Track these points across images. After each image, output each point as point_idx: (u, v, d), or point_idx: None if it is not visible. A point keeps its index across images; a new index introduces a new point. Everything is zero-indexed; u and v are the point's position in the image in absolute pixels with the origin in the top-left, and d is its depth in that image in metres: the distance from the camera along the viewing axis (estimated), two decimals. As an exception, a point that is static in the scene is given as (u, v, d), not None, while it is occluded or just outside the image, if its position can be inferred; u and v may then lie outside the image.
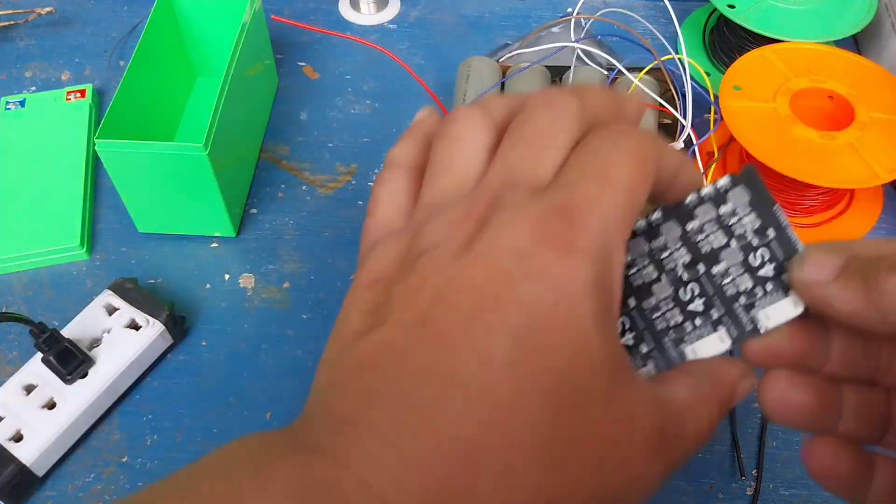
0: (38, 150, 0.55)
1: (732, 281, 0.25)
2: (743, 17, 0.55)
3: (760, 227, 0.25)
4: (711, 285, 0.25)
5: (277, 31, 0.63)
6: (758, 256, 0.24)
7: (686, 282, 0.25)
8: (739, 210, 0.25)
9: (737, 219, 0.25)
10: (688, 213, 0.25)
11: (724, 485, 0.41)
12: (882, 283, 0.20)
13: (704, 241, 0.25)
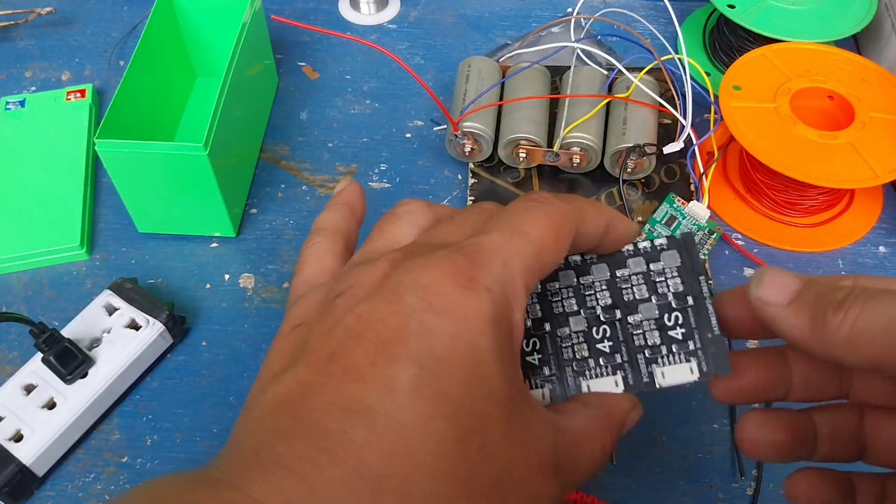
0: (38, 150, 0.55)
1: (643, 333, 0.26)
2: (743, 17, 0.55)
3: (682, 293, 0.26)
4: (623, 332, 0.27)
5: (277, 31, 0.63)
6: (672, 318, 0.26)
7: (601, 322, 0.27)
8: (668, 271, 0.27)
9: (663, 278, 0.27)
10: (621, 260, 0.27)
11: (724, 485, 0.41)
12: (829, 319, 0.21)
13: (629, 290, 0.27)
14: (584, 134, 0.50)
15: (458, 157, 0.53)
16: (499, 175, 0.53)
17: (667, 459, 0.42)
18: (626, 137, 0.50)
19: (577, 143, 0.51)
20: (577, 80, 0.53)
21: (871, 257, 0.50)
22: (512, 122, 0.51)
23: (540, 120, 0.52)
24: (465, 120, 0.51)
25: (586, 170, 0.52)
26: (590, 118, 0.51)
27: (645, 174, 0.52)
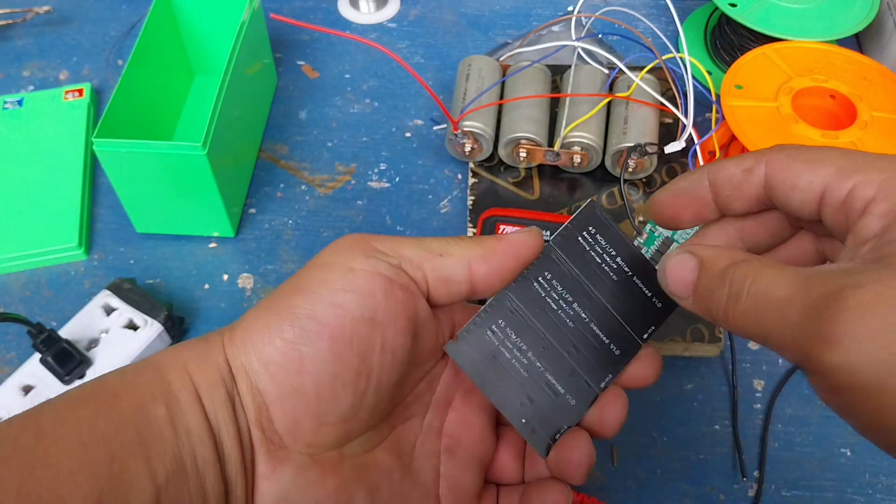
0: (36, 149, 0.55)
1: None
2: (744, 16, 0.55)
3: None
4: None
5: (276, 30, 0.63)
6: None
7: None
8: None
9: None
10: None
11: (725, 486, 0.41)
12: (723, 313, 0.24)
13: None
14: (584, 133, 0.50)
15: (458, 156, 0.53)
16: (499, 174, 0.53)
17: (668, 461, 0.42)
18: (627, 137, 0.50)
19: (578, 143, 0.50)
20: (578, 79, 0.53)
21: (873, 257, 0.50)
22: (512, 122, 0.51)
23: (540, 119, 0.52)
24: (466, 119, 0.51)
25: (587, 169, 0.52)
26: (591, 117, 0.51)
27: (646, 174, 0.51)
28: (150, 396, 0.24)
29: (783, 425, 0.43)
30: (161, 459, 0.23)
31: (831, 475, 0.41)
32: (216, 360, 0.25)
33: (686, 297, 0.26)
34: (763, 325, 0.23)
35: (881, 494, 0.41)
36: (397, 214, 0.53)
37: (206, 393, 0.25)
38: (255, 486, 0.25)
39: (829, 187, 0.24)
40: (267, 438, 0.25)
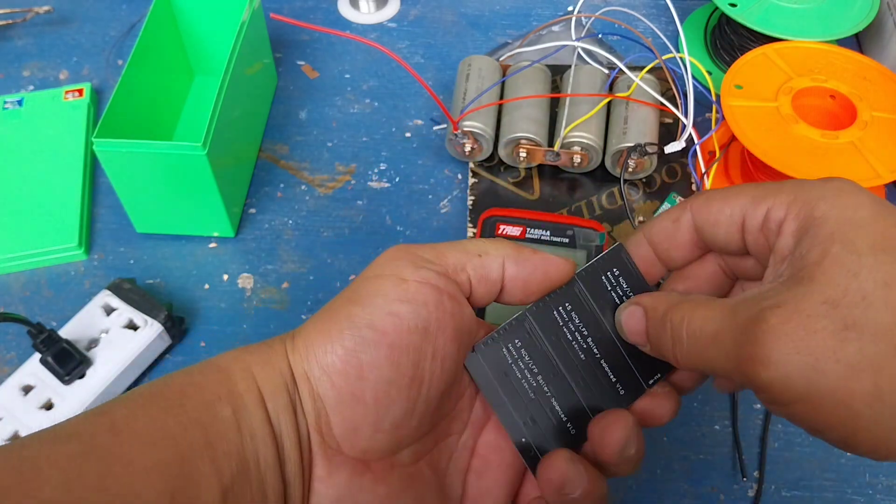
0: (36, 149, 0.55)
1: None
2: (744, 16, 0.55)
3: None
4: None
5: (276, 30, 0.63)
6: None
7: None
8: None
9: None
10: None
11: (725, 486, 0.41)
12: (671, 357, 0.27)
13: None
14: (584, 133, 0.50)
15: (458, 156, 0.53)
16: (499, 174, 0.53)
17: (668, 461, 0.42)
18: (627, 137, 0.50)
19: (578, 143, 0.50)
20: (578, 79, 0.53)
21: (873, 257, 0.50)
22: (512, 122, 0.51)
23: (540, 119, 0.52)
24: (466, 119, 0.51)
25: (587, 169, 0.52)
26: (591, 117, 0.51)
27: (646, 174, 0.51)
28: (217, 397, 0.25)
29: (783, 425, 0.43)
30: (227, 459, 0.24)
31: (831, 475, 0.41)
32: (279, 366, 0.26)
33: (644, 344, 0.28)
34: (706, 360, 0.25)
35: (881, 495, 0.41)
36: (397, 214, 0.53)
37: (269, 396, 0.26)
38: (311, 488, 0.26)
39: (747, 216, 0.26)
40: (325, 443, 0.26)
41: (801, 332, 0.22)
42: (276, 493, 0.25)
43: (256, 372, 0.26)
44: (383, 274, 0.27)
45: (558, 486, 0.28)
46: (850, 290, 0.22)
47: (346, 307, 0.27)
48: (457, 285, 0.28)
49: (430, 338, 0.26)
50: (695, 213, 0.28)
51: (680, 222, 0.29)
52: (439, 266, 0.28)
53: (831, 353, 0.22)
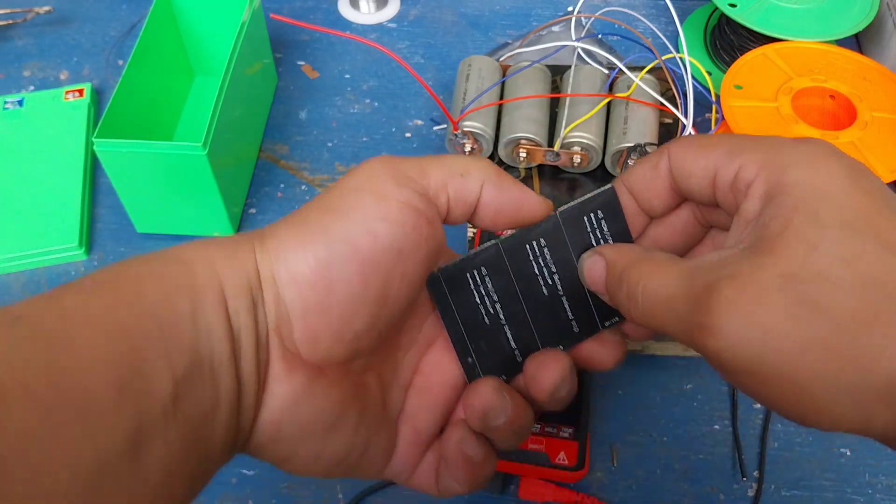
0: (37, 149, 0.55)
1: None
2: (744, 16, 0.55)
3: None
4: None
5: (276, 30, 0.63)
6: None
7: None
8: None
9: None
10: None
11: (725, 486, 0.41)
12: (626, 309, 0.26)
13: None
14: (584, 133, 0.50)
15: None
16: (499, 175, 0.53)
17: (668, 461, 0.42)
18: (627, 137, 0.50)
19: (578, 143, 0.50)
20: (578, 80, 0.53)
21: (873, 257, 0.50)
22: (512, 122, 0.51)
23: (540, 119, 0.52)
24: (466, 119, 0.51)
25: (587, 169, 0.52)
26: (590, 117, 0.51)
27: (646, 174, 0.51)
28: (175, 289, 0.24)
29: (783, 425, 0.43)
30: (180, 354, 0.23)
31: (831, 475, 0.41)
32: (245, 264, 0.25)
33: (603, 294, 0.28)
34: (658, 322, 0.25)
35: (881, 494, 0.41)
36: (397, 214, 0.53)
37: (231, 294, 0.25)
38: (266, 387, 0.26)
39: (719, 171, 0.26)
40: (284, 347, 0.26)
41: (752, 305, 0.22)
42: (229, 390, 0.24)
43: (220, 267, 0.25)
44: (364, 188, 0.26)
45: (480, 413, 0.28)
46: (807, 265, 0.22)
47: (324, 216, 0.26)
48: (436, 208, 0.27)
49: (403, 260, 0.26)
50: (672, 159, 0.28)
51: (658, 168, 0.28)
52: (421, 186, 0.27)
53: (781, 328, 0.22)
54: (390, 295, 0.26)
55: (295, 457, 0.27)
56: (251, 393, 0.25)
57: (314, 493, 0.41)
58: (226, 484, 0.42)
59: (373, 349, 0.28)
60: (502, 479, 0.41)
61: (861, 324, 0.21)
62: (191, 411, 0.23)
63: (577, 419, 0.40)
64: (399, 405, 0.30)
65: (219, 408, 0.24)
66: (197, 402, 0.23)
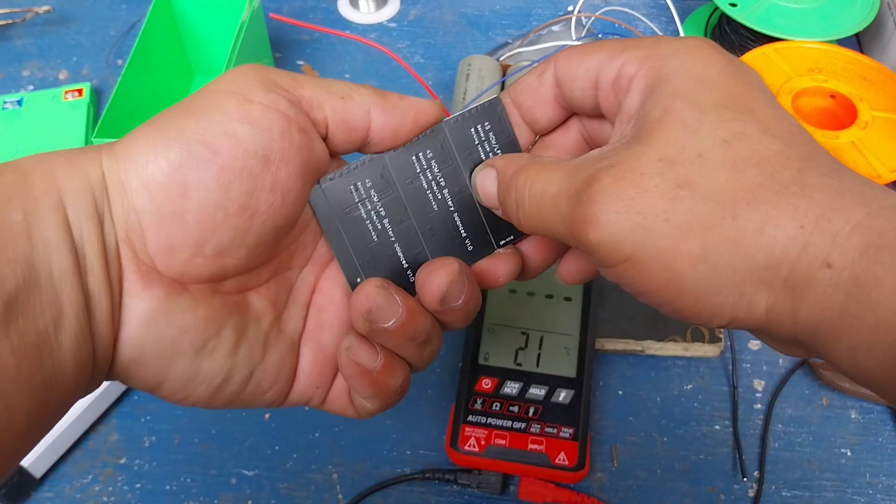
0: (36, 149, 0.55)
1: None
2: (745, 16, 0.55)
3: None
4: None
5: (276, 30, 0.63)
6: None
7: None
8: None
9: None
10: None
11: (726, 487, 0.41)
12: (515, 220, 0.26)
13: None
14: (584, 133, 0.50)
15: (458, 156, 0.53)
16: (499, 174, 0.53)
17: (668, 461, 0.42)
18: (627, 137, 0.50)
19: (578, 143, 0.50)
20: (578, 79, 0.53)
21: (874, 257, 0.50)
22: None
23: (540, 119, 0.52)
24: (466, 119, 0.51)
25: (587, 169, 0.52)
26: (591, 117, 0.50)
27: (646, 174, 0.51)
28: (6, 199, 0.22)
29: (783, 425, 0.43)
30: (11, 267, 0.21)
31: (831, 475, 0.41)
32: (87, 170, 0.24)
33: (496, 208, 0.27)
34: (544, 222, 0.25)
35: (881, 495, 0.41)
36: (397, 214, 0.52)
37: (71, 201, 0.23)
38: (122, 303, 0.24)
39: (601, 71, 0.25)
40: (138, 258, 0.24)
41: (631, 190, 0.22)
42: (74, 304, 0.23)
43: (59, 174, 0.23)
44: (226, 90, 0.25)
45: (364, 312, 0.26)
46: (687, 148, 0.22)
47: (179, 118, 0.24)
48: (309, 120, 0.26)
49: (271, 167, 0.24)
50: (557, 66, 0.27)
51: (543, 77, 0.27)
52: (292, 95, 0.25)
53: (661, 212, 0.21)
54: (259, 206, 0.24)
55: (166, 381, 0.25)
56: (104, 308, 0.23)
57: (314, 494, 0.41)
58: (225, 484, 0.42)
59: (246, 268, 0.26)
60: (502, 480, 0.40)
61: (741, 203, 0.21)
62: (27, 326, 0.21)
63: (578, 419, 0.40)
64: (299, 325, 0.29)
65: (63, 323, 0.22)
66: (34, 317, 0.22)
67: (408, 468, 0.42)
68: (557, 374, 0.42)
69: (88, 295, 0.23)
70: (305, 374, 0.28)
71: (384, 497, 0.41)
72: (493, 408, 0.41)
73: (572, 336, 0.43)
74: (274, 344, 0.27)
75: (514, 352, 0.42)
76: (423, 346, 0.28)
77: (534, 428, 0.40)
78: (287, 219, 0.26)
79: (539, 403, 0.41)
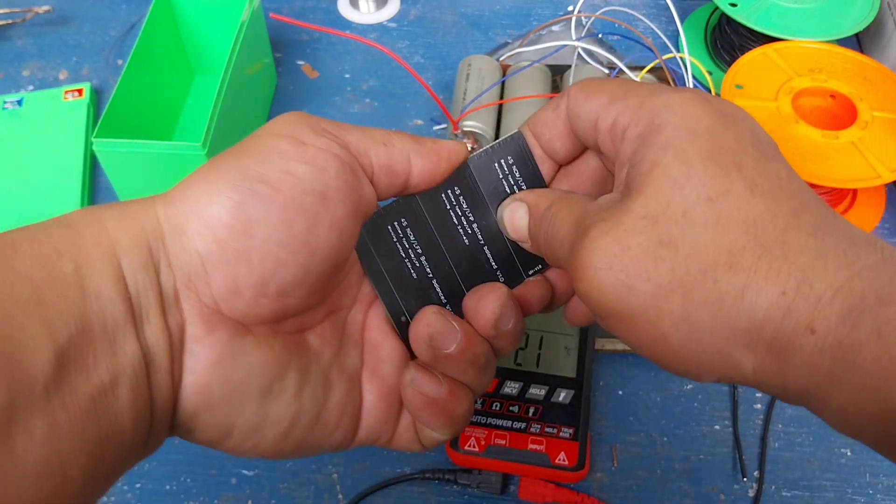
0: (36, 149, 0.55)
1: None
2: (745, 16, 0.55)
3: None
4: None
5: (276, 30, 0.63)
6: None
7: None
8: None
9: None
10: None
11: (726, 487, 0.41)
12: (545, 254, 0.27)
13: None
14: (584, 133, 0.50)
15: (458, 156, 0.53)
16: (499, 174, 0.53)
17: (668, 461, 0.42)
18: (627, 137, 0.50)
19: (578, 143, 0.50)
20: (578, 79, 0.53)
21: (874, 257, 0.50)
22: (512, 122, 0.51)
23: (540, 119, 0.52)
24: (466, 119, 0.51)
25: (587, 169, 0.52)
26: (590, 117, 0.50)
27: (646, 174, 0.51)
28: (56, 251, 0.22)
29: (783, 425, 0.43)
30: (63, 319, 0.21)
31: (831, 475, 0.41)
32: (140, 219, 0.23)
33: (524, 241, 0.28)
34: (557, 260, 0.26)
35: (881, 495, 0.41)
36: (397, 214, 0.52)
37: (124, 251, 0.23)
38: (184, 350, 0.24)
39: (600, 116, 0.25)
40: (201, 302, 0.24)
41: (615, 247, 0.22)
42: (130, 356, 0.22)
43: (110, 225, 0.23)
44: (279, 134, 0.25)
45: (426, 338, 0.27)
46: (671, 205, 0.22)
47: (236, 160, 0.24)
48: (359, 163, 0.26)
49: (329, 205, 0.25)
50: (569, 102, 0.27)
51: (559, 111, 0.28)
52: (340, 140, 0.26)
53: (643, 271, 0.21)
54: (318, 244, 0.25)
55: (235, 428, 0.25)
56: (163, 358, 0.23)
57: (314, 494, 0.41)
58: (225, 484, 0.42)
59: (305, 307, 0.26)
60: (502, 480, 0.40)
61: (723, 265, 0.21)
62: (81, 381, 0.21)
63: (578, 419, 0.40)
64: (357, 363, 0.29)
65: (118, 376, 0.22)
66: (88, 370, 0.21)
67: (408, 468, 0.42)
68: (557, 374, 0.42)
69: (145, 346, 0.23)
70: (373, 411, 0.28)
71: (384, 497, 0.41)
72: (493, 408, 0.41)
73: (572, 336, 0.43)
74: (336, 382, 0.27)
75: (514, 352, 0.42)
76: (484, 370, 0.28)
77: (534, 428, 0.40)
78: (342, 257, 0.26)
79: (539, 403, 0.41)
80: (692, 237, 0.21)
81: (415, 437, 0.29)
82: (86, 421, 0.21)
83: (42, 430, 0.19)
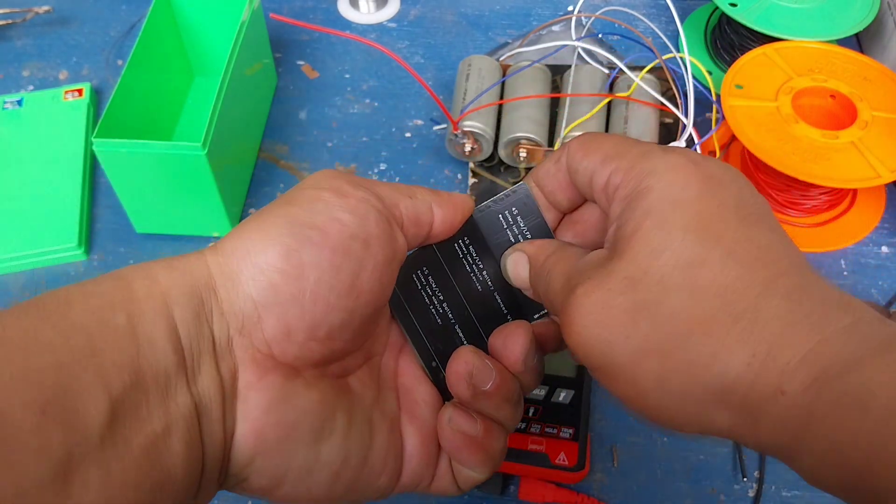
0: (36, 149, 0.55)
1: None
2: (745, 16, 0.55)
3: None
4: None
5: (276, 30, 0.63)
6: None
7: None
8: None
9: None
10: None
11: (725, 487, 0.41)
12: (544, 303, 0.28)
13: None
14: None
15: (458, 156, 0.53)
16: (499, 174, 0.53)
17: (668, 461, 0.42)
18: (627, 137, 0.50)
19: (578, 143, 0.50)
20: (578, 79, 0.53)
21: (874, 257, 0.50)
22: (512, 122, 0.51)
23: (541, 119, 0.52)
24: (466, 119, 0.51)
25: (587, 169, 0.52)
26: (591, 117, 0.51)
27: (646, 174, 0.51)
28: (109, 304, 0.22)
29: (783, 425, 0.43)
30: (117, 370, 0.21)
31: (832, 475, 0.41)
32: (191, 269, 0.24)
33: (527, 289, 0.29)
34: (554, 311, 0.26)
35: (881, 495, 0.41)
36: (397, 214, 0.53)
37: (175, 302, 0.23)
38: (236, 397, 0.24)
39: (595, 173, 0.27)
40: (254, 347, 0.25)
41: (599, 306, 0.23)
42: (182, 405, 0.22)
43: (161, 278, 0.24)
44: (321, 186, 0.26)
45: (466, 376, 0.28)
46: (649, 272, 0.23)
47: (284, 209, 0.25)
48: (393, 214, 0.27)
49: (371, 251, 0.26)
50: (568, 155, 0.28)
51: (560, 163, 0.29)
52: (375, 193, 0.27)
53: (623, 331, 0.22)
54: (363, 288, 0.26)
55: (289, 471, 0.25)
56: (216, 406, 0.23)
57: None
58: None
59: (348, 351, 0.27)
60: (502, 480, 0.40)
61: (695, 333, 0.22)
62: (135, 431, 0.21)
63: (578, 420, 0.40)
64: (395, 407, 0.30)
65: (173, 427, 0.22)
66: (142, 421, 0.21)
67: (408, 468, 0.42)
68: (557, 374, 0.42)
69: (197, 395, 0.23)
70: (415, 454, 0.29)
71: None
72: (493, 408, 0.41)
73: (572, 336, 0.43)
74: (379, 425, 0.28)
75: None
76: (517, 406, 0.30)
77: (534, 428, 0.40)
78: (382, 302, 0.27)
79: (539, 403, 0.41)
80: (668, 303, 0.22)
81: (452, 480, 0.30)
82: (139, 471, 0.21)
83: (97, 480, 0.20)
